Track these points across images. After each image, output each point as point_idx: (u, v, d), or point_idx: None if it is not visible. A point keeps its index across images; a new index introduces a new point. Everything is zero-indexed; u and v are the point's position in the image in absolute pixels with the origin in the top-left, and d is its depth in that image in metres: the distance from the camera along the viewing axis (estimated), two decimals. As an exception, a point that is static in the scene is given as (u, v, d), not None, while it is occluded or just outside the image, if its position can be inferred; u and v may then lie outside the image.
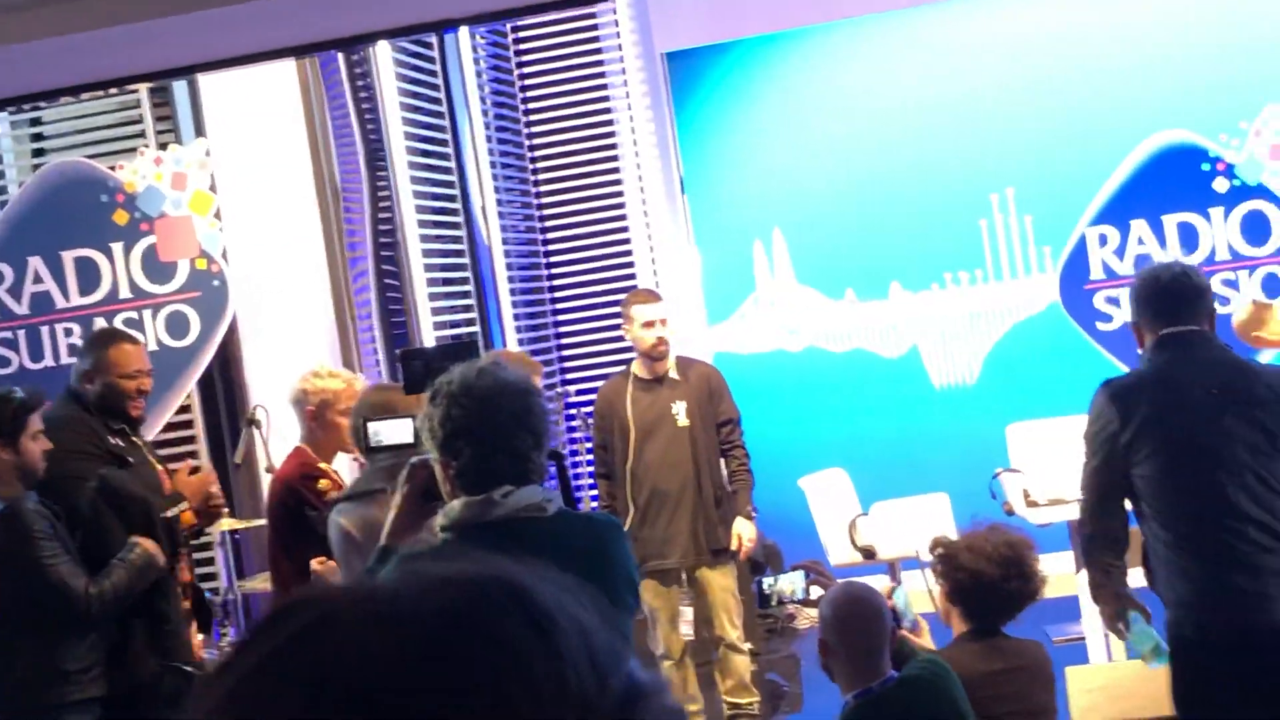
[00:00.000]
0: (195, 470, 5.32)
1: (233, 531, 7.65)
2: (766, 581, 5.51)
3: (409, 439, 4.23)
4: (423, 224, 8.42)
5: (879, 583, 5.40)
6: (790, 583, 7.19)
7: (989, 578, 4.36)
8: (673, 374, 6.90)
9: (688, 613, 7.32)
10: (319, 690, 0.79)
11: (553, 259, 9.67)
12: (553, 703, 0.81)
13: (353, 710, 0.78)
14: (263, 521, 6.51)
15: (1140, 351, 4.59)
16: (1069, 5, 9.86)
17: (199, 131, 8.33)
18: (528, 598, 0.85)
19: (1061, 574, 6.49)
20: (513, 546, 2.82)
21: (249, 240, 8.36)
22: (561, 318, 9.67)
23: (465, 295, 8.62)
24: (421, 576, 0.86)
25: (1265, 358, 6.30)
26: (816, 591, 8.30)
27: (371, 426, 4.35)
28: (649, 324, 6.79)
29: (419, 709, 0.79)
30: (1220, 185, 9.71)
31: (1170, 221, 9.74)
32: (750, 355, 10.28)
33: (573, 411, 8.80)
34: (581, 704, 0.82)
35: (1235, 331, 6.04)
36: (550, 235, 9.69)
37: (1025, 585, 4.40)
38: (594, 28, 9.56)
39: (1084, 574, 4.89)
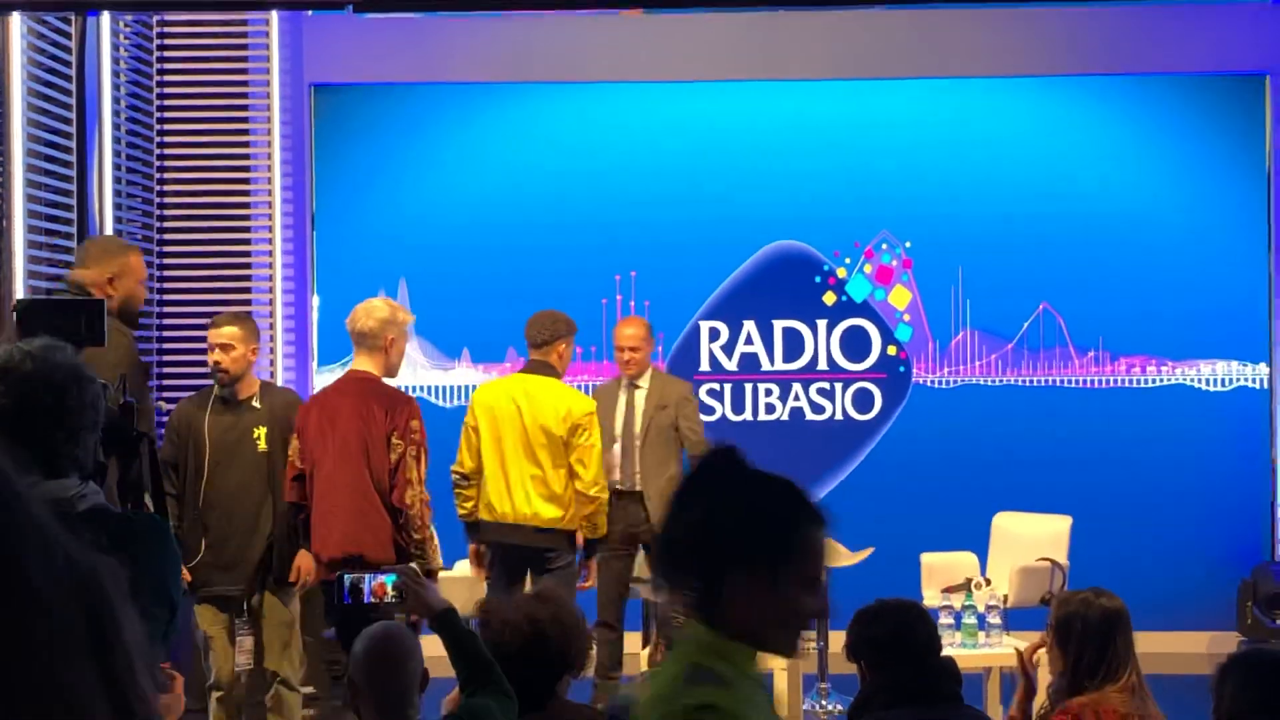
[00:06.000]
0: None
1: None
2: (351, 577, 5.23)
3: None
4: (32, 214, 8.02)
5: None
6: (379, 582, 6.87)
7: None
8: (255, 402, 6.83)
9: (246, 642, 7.12)
10: None
11: (167, 274, 9.33)
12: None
13: None
14: None
15: None
16: (713, 102, 10.18)
17: None
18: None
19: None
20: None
21: None
22: (166, 334, 9.33)
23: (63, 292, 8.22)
24: None
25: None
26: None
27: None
28: (212, 346, 6.77)
29: None
30: (829, 298, 10.16)
31: (779, 325, 10.13)
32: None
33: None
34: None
35: None
36: (168, 250, 9.35)
37: None
38: (244, 45, 9.34)
39: None
